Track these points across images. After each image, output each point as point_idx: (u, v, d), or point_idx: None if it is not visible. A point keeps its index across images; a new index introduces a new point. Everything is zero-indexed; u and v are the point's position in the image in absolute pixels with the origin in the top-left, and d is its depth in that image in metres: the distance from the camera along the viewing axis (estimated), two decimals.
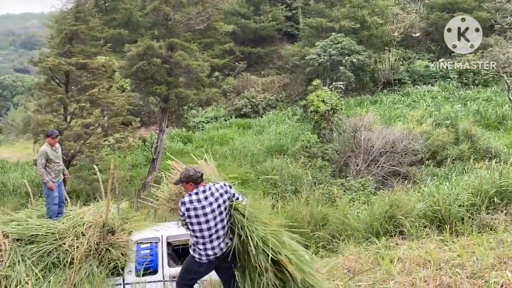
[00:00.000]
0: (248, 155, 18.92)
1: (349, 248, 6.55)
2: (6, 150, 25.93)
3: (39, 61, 15.27)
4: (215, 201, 4.32)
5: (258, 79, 29.12)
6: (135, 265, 6.29)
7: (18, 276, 5.84)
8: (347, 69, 23.71)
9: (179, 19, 17.50)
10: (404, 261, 5.32)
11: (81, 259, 6.13)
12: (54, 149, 7.25)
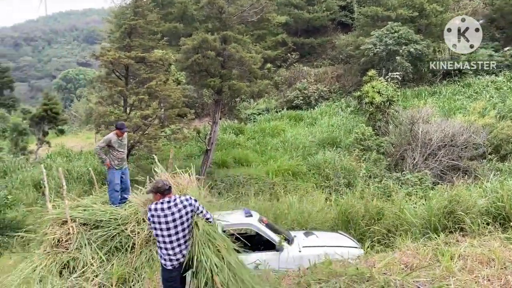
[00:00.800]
0: (300, 147, 18.84)
1: (406, 243, 6.41)
2: (70, 140, 27.47)
3: (101, 55, 15.95)
4: (177, 211, 4.68)
5: (310, 70, 28.82)
6: None
7: (85, 258, 6.23)
8: (404, 59, 22.88)
9: (232, 11, 17.60)
10: (466, 259, 5.13)
11: (141, 244, 6.43)
12: (120, 139, 7.67)
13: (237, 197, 14.01)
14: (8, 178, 17.08)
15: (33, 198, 15.01)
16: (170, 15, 30.59)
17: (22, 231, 9.12)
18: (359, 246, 7.59)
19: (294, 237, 7.54)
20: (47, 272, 5.73)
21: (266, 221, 7.60)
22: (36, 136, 22.61)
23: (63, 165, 17.44)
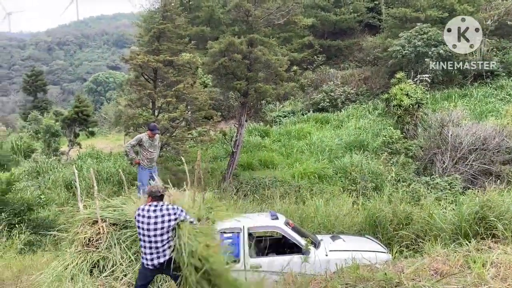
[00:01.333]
0: (326, 150, 18.71)
1: (435, 249, 6.27)
2: (100, 141, 28.14)
3: (130, 58, 16.28)
4: (161, 217, 4.97)
5: (337, 72, 28.60)
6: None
7: (114, 258, 6.35)
8: (434, 61, 22.42)
9: (259, 14, 17.67)
10: (498, 266, 4.98)
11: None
12: (151, 139, 7.84)
13: (262, 199, 14.03)
14: (41, 179, 17.62)
15: (64, 198, 15.43)
16: (197, 18, 30.97)
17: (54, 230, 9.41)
18: (387, 251, 7.47)
19: (320, 241, 7.49)
20: (78, 270, 5.88)
21: (292, 224, 7.58)
22: (68, 137, 23.28)
23: (93, 166, 17.88)
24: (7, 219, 10.81)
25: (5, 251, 9.51)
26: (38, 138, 25.73)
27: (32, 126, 30.28)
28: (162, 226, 5.00)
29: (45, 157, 20.42)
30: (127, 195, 8.24)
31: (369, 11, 32.17)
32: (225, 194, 14.42)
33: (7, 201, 11.15)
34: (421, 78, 21.38)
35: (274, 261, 6.66)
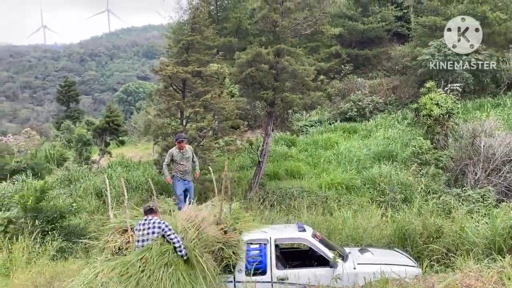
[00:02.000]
0: (354, 160, 18.48)
1: (468, 264, 6.08)
2: (129, 150, 28.70)
3: (160, 69, 16.60)
4: (146, 229, 6.16)
5: (365, 81, 28.32)
6: (245, 264, 6.57)
7: None
8: (465, 70, 21.90)
9: (286, 25, 17.73)
10: None
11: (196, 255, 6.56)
12: (181, 151, 7.95)
13: (289, 210, 13.97)
14: (72, 187, 18.09)
15: (95, 206, 15.79)
16: (225, 29, 31.37)
17: (85, 237, 9.64)
18: (417, 265, 7.30)
19: (348, 254, 7.39)
20: (108, 278, 5.99)
21: (319, 236, 7.51)
22: (99, 146, 23.87)
23: (123, 175, 18.24)
24: (41, 226, 11.15)
25: (38, 257, 9.81)
26: (70, 147, 26.49)
27: (64, 135, 31.23)
28: (144, 238, 6.11)
29: (76, 165, 20.98)
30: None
31: (397, 20, 31.81)
32: (251, 204, 14.44)
33: (41, 208, 11.49)
34: (452, 88, 20.89)
35: (301, 273, 6.61)
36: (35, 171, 20.87)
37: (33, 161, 22.21)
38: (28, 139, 29.16)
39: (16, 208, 12.44)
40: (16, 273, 8.81)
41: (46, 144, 31.92)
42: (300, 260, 7.49)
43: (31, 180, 18.44)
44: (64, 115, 41.47)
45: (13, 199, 13.59)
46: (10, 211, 12.35)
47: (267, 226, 7.43)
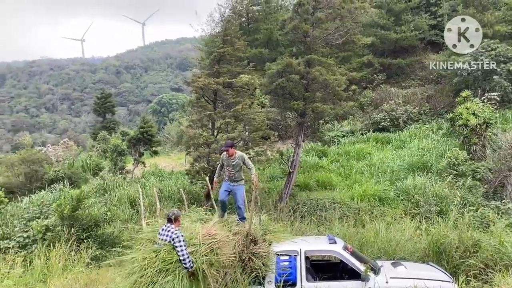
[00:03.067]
0: (387, 171, 18.11)
1: (507, 281, 5.82)
2: (162, 160, 29.20)
3: (192, 81, 16.92)
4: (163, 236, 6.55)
5: (398, 91, 27.81)
6: (275, 276, 6.52)
7: None
8: (503, 78, 21.16)
9: (317, 35, 17.72)
10: None
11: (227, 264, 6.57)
12: (230, 158, 8.07)
13: (319, 221, 13.80)
14: (107, 196, 18.54)
15: (128, 215, 16.11)
16: (255, 41, 31.65)
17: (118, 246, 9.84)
18: (452, 280, 7.03)
19: (380, 267, 7.21)
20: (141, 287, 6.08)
21: (351, 249, 7.37)
22: (133, 156, 24.41)
23: (156, 184, 18.57)
24: (77, 234, 11.46)
25: (74, 264, 10.08)
26: (106, 157, 27.21)
27: (100, 145, 32.11)
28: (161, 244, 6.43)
29: (111, 175, 21.51)
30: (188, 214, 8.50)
31: (431, 28, 31.15)
32: (281, 215, 14.36)
33: (77, 216, 11.83)
34: (489, 97, 20.22)
35: (331, 286, 6.51)
36: (72, 180, 21.56)
37: (71, 170, 22.94)
38: (66, 149, 30.16)
39: (54, 216, 12.88)
40: (53, 279, 9.08)
41: (82, 154, 32.96)
42: (330, 272, 7.38)
43: (69, 189, 19.08)
44: (100, 126, 42.69)
45: (51, 207, 14.08)
46: (48, 219, 12.79)
47: (298, 238, 7.36)
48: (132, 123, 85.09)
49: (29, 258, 10.80)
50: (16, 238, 12.42)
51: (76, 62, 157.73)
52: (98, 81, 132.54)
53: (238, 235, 6.78)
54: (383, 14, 30.89)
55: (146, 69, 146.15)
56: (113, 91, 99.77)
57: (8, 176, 22.97)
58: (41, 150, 27.65)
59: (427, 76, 29.26)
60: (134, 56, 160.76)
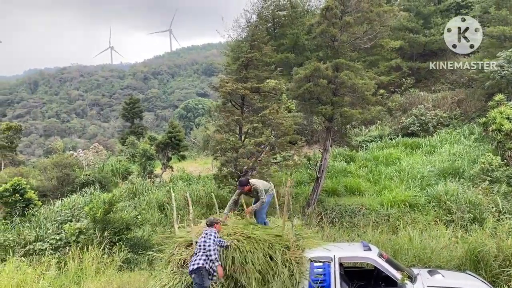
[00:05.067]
0: (417, 177, 17.71)
1: None
2: (189, 165, 29.46)
3: (220, 86, 16.99)
4: (202, 238, 6.67)
5: (427, 95, 27.28)
6: (309, 282, 6.44)
7: None
8: None
9: (345, 39, 17.56)
10: None
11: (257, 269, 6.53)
12: (248, 193, 8.12)
13: (348, 227, 13.61)
14: (136, 199, 18.84)
15: (157, 219, 16.32)
16: (282, 46, 31.67)
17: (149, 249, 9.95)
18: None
19: (417, 275, 7.02)
20: None
21: (386, 256, 7.21)
22: (161, 161, 24.73)
23: (184, 189, 18.73)
24: (109, 237, 11.67)
25: (106, 267, 10.25)
26: (134, 161, 27.68)
27: (129, 150, 32.69)
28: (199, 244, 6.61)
29: (140, 179, 21.84)
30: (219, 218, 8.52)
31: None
32: (309, 221, 14.24)
33: (109, 220, 12.05)
34: None
35: None
36: (102, 184, 21.99)
37: (101, 174, 23.40)
38: (96, 153, 30.84)
39: (85, 219, 13.15)
40: (87, 282, 9.26)
41: (111, 159, 33.61)
42: (364, 280, 7.24)
43: (99, 192, 19.47)
44: (128, 131, 43.49)
45: (83, 210, 14.39)
46: (80, 222, 13.07)
47: (330, 244, 7.26)
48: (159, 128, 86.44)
49: (63, 260, 11.06)
50: (49, 240, 12.75)
51: (105, 69, 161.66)
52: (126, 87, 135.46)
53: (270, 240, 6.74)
54: (411, 17, 30.43)
55: (173, 75, 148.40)
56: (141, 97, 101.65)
57: (41, 180, 23.63)
58: (72, 155, 28.35)
59: (457, 79, 28.62)
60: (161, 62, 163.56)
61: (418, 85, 29.62)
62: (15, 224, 17.09)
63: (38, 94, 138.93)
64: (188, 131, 54.29)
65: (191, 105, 76.75)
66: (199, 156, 34.44)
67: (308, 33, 29.69)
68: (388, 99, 27.61)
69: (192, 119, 69.86)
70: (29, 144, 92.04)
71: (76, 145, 69.59)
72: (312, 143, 26.30)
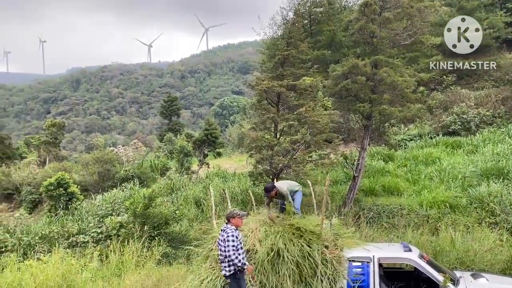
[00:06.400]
0: (458, 177, 17.11)
1: None
2: (224, 162, 29.76)
3: (256, 84, 17.06)
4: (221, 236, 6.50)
5: (470, 92, 26.31)
6: (347, 282, 6.39)
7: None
8: None
9: (384, 35, 17.18)
10: None
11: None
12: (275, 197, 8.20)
13: (386, 228, 13.35)
14: (174, 195, 19.22)
15: (194, 214, 16.59)
16: (318, 43, 31.39)
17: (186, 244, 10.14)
18: None
19: (459, 278, 6.82)
20: (213, 285, 6.22)
21: (427, 257, 7.04)
22: (198, 157, 25.13)
23: (220, 185, 18.94)
24: (148, 231, 11.98)
25: (145, 261, 10.54)
26: (172, 158, 28.24)
27: (167, 147, 33.41)
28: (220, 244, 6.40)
29: (178, 175, 22.27)
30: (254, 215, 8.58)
31: (507, 26, 29.17)
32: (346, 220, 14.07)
33: (149, 214, 12.37)
34: None
35: None
36: (141, 179, 22.60)
37: (140, 170, 24.05)
38: (135, 150, 31.69)
39: (125, 213, 13.56)
40: (127, 274, 9.55)
41: (150, 155, 34.45)
42: (403, 281, 7.10)
43: (138, 187, 20.01)
44: (166, 128, 44.43)
45: (122, 205, 14.84)
46: (120, 216, 13.50)
47: (370, 244, 7.15)
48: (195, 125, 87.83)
49: (104, 253, 11.45)
50: (91, 233, 13.24)
51: (144, 67, 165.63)
52: (164, 85, 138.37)
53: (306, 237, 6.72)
54: (453, 12, 29.40)
55: (209, 73, 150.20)
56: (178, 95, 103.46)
57: (83, 175, 24.57)
58: (113, 151, 29.27)
59: (502, 77, 27.41)
60: (198, 61, 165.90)
61: (459, 83, 28.62)
62: (59, 217, 17.88)
63: (80, 92, 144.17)
64: (223, 128, 54.78)
65: (226, 103, 77.46)
66: (234, 153, 34.73)
67: (345, 29, 29.32)
68: (428, 97, 26.85)
69: (227, 116, 70.48)
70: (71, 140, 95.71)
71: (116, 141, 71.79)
72: (348, 141, 25.95)
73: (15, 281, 7.86)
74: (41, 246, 12.50)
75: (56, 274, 8.05)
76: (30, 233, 14.97)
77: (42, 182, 20.90)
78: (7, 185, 25.31)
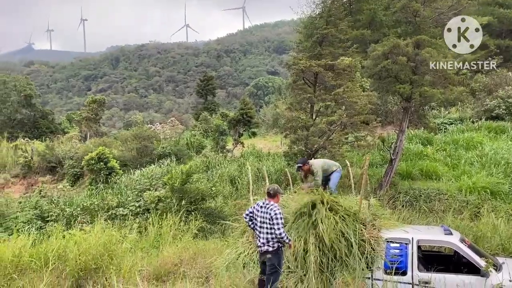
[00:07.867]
0: (501, 163, 16.48)
1: None
2: (259, 142, 29.87)
3: (293, 63, 16.89)
4: (264, 213, 6.38)
5: None
6: (384, 262, 6.36)
7: None
8: None
9: (427, 15, 16.63)
10: None
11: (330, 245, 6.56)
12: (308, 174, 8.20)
13: (423, 212, 13.12)
14: (209, 172, 19.55)
15: (228, 192, 16.84)
16: (358, 22, 30.56)
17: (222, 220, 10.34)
18: None
19: (502, 264, 6.65)
20: (249, 259, 6.35)
21: (468, 242, 6.90)
22: (233, 137, 25.36)
23: (255, 164, 19.08)
24: (186, 206, 12.30)
25: (183, 234, 10.85)
26: (207, 136, 28.62)
27: (202, 125, 33.86)
28: (264, 220, 6.31)
29: (213, 153, 22.60)
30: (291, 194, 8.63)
31: None
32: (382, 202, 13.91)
33: (186, 190, 12.68)
34: None
35: (447, 279, 6.15)
36: (177, 156, 23.07)
37: (176, 147, 24.54)
38: (172, 127, 32.27)
39: (163, 188, 13.94)
40: (165, 246, 9.88)
41: (186, 133, 35.04)
42: (442, 264, 6.99)
43: (175, 164, 20.45)
44: (202, 107, 44.96)
45: (160, 180, 15.25)
46: (158, 191, 13.90)
47: (409, 226, 7.07)
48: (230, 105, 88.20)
49: (143, 225, 11.87)
50: (129, 207, 13.74)
51: (180, 46, 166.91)
52: (200, 64, 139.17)
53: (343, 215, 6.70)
54: None
55: (245, 52, 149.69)
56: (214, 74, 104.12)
57: (122, 150, 25.33)
58: (151, 128, 29.95)
59: None
60: (233, 40, 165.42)
61: (506, 65, 27.27)
62: (99, 190, 18.60)
63: (119, 70, 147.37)
64: (258, 108, 54.81)
65: (261, 83, 77.30)
66: (268, 133, 34.75)
67: (386, 8, 28.36)
68: (472, 79, 25.79)
69: (262, 97, 70.46)
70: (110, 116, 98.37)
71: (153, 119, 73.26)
72: (386, 124, 25.40)
73: (61, 248, 8.30)
74: (82, 217, 13.09)
75: (98, 244, 8.43)
76: (72, 204, 15.72)
77: (84, 156, 21.76)
78: (50, 159, 26.46)
